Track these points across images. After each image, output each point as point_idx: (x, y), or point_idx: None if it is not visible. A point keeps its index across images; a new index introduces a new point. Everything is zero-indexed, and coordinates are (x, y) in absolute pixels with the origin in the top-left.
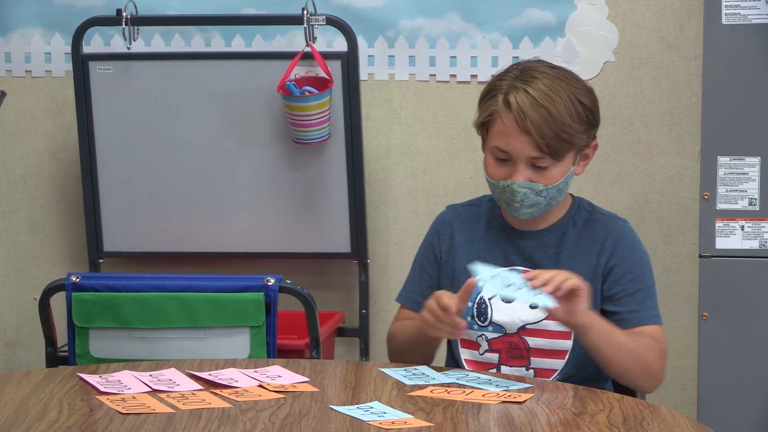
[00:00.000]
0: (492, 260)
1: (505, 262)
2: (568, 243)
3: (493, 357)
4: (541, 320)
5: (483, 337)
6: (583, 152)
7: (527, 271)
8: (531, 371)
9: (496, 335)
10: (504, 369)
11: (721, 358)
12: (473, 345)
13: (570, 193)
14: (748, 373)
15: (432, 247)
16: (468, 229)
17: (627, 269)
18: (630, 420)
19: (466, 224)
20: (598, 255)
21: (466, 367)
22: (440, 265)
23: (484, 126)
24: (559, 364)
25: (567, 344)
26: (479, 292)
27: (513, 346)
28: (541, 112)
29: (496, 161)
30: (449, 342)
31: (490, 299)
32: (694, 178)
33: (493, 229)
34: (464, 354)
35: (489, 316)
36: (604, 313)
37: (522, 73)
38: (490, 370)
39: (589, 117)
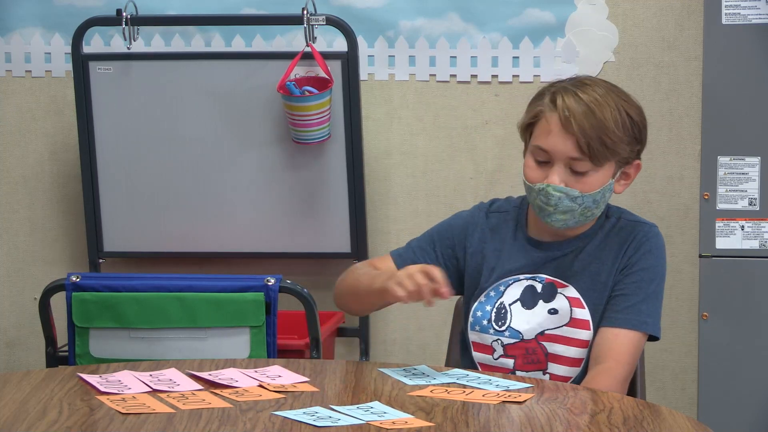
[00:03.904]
0: (518, 268)
1: (531, 269)
2: (590, 247)
3: (508, 362)
4: (561, 326)
5: (499, 341)
6: (624, 169)
7: (552, 280)
8: (547, 375)
9: (512, 341)
10: (519, 375)
11: (721, 358)
12: (487, 349)
13: None
14: (748, 373)
15: (453, 241)
16: (497, 236)
17: (635, 270)
18: (630, 420)
19: (496, 231)
20: (620, 257)
21: (480, 371)
22: (458, 261)
23: (528, 128)
24: (574, 371)
25: (583, 353)
26: (499, 297)
27: (530, 352)
28: (586, 113)
29: (536, 163)
30: (463, 342)
31: (510, 305)
32: (694, 178)
33: (517, 240)
34: (477, 357)
35: (508, 321)
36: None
37: (575, 80)
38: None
39: (635, 131)
